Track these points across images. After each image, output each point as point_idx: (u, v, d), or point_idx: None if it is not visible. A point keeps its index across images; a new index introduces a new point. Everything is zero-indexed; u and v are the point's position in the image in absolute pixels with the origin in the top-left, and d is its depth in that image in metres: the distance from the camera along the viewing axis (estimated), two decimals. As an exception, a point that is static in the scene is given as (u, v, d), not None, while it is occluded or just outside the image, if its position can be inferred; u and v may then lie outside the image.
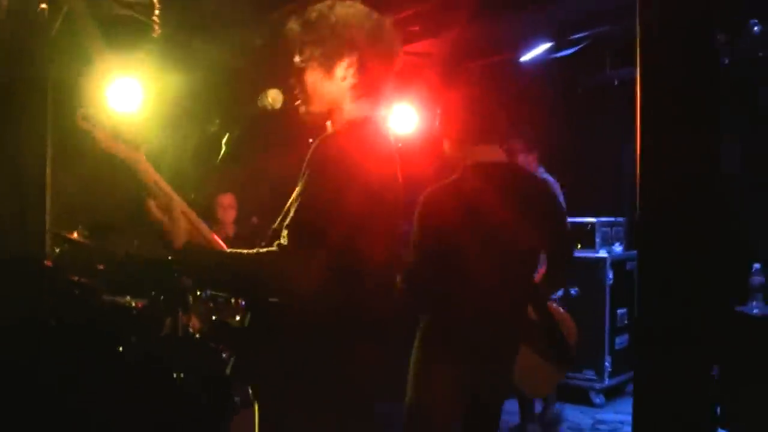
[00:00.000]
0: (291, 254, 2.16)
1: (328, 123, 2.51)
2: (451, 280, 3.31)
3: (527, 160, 5.77)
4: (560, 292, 5.86)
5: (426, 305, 3.43)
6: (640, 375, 2.83)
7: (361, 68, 2.44)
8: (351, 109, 2.47)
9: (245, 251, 2.25)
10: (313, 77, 2.46)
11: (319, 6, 2.47)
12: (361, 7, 2.49)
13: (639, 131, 2.50)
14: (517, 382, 3.59)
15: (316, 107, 2.50)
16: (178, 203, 2.37)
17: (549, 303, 3.70)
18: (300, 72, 2.49)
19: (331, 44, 2.43)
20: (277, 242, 2.19)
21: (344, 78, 2.44)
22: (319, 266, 2.17)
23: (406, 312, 3.28)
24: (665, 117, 2.50)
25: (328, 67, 2.44)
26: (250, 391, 2.43)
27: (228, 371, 2.46)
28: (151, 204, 2.32)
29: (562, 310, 3.80)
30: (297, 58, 2.49)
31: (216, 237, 2.53)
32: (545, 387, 3.89)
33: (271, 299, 2.27)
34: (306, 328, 2.25)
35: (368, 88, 2.47)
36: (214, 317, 4.88)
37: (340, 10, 2.44)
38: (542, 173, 5.87)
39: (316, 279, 2.17)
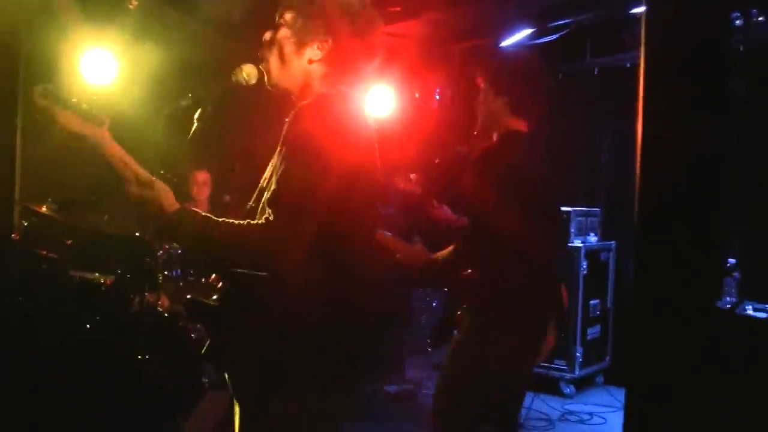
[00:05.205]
0: (278, 227, 2.14)
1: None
2: (500, 248, 3.37)
3: None
4: None
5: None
6: (634, 369, 2.80)
7: (333, 57, 2.40)
8: (322, 90, 2.42)
9: (235, 221, 2.23)
10: (283, 47, 2.42)
11: None
12: None
13: (641, 120, 2.45)
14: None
15: (279, 79, 2.45)
16: (145, 175, 2.33)
17: None
18: (272, 39, 2.44)
19: (312, 21, 2.38)
20: (264, 217, 2.17)
21: (311, 61, 2.41)
22: (305, 239, 2.16)
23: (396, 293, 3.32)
24: (669, 105, 2.45)
25: (300, 42, 2.40)
26: (225, 374, 2.38)
27: (202, 352, 2.41)
28: (129, 186, 2.29)
29: None
30: (276, 18, 2.45)
31: None
32: (543, 355, 3.90)
33: (257, 271, 2.23)
34: (286, 307, 2.22)
35: (337, 78, 2.42)
36: (188, 296, 4.81)
37: None
38: None
39: (302, 252, 2.15)
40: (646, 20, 2.50)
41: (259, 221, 2.18)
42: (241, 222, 2.23)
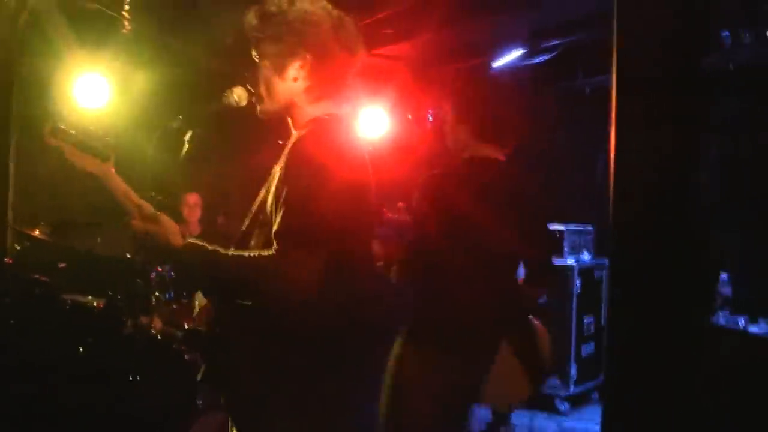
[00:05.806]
0: (290, 259, 2.14)
1: (289, 120, 2.48)
2: (439, 274, 3.29)
3: None
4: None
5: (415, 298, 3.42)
6: (608, 385, 2.79)
7: (316, 70, 2.40)
8: (311, 109, 2.43)
9: (244, 253, 2.23)
10: (266, 75, 2.43)
11: None
12: (323, 4, 2.43)
13: (614, 135, 2.46)
14: (484, 392, 3.53)
15: (270, 105, 2.46)
16: (149, 209, 2.37)
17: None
18: (254, 68, 2.45)
19: (286, 43, 2.38)
20: (275, 248, 2.16)
21: (296, 79, 2.40)
22: (317, 269, 2.16)
23: (397, 307, 3.26)
24: (640, 122, 2.47)
25: (280, 66, 2.40)
26: (222, 398, 2.37)
27: (199, 377, 2.40)
28: (135, 221, 2.34)
29: (537, 321, 3.75)
30: (253, 53, 2.45)
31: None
32: (513, 399, 3.82)
33: (268, 302, 2.24)
34: (283, 330, 2.23)
35: (324, 90, 2.43)
36: (186, 325, 4.80)
37: (301, 5, 2.38)
38: None
39: (313, 282, 2.15)
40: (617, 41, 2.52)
41: (270, 252, 2.17)
42: (251, 254, 2.22)
